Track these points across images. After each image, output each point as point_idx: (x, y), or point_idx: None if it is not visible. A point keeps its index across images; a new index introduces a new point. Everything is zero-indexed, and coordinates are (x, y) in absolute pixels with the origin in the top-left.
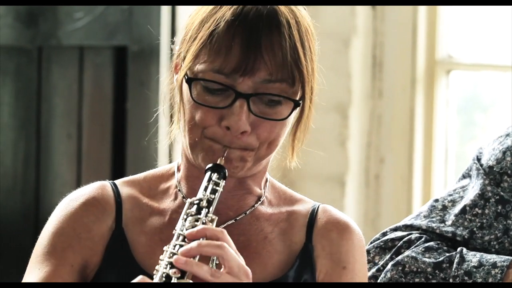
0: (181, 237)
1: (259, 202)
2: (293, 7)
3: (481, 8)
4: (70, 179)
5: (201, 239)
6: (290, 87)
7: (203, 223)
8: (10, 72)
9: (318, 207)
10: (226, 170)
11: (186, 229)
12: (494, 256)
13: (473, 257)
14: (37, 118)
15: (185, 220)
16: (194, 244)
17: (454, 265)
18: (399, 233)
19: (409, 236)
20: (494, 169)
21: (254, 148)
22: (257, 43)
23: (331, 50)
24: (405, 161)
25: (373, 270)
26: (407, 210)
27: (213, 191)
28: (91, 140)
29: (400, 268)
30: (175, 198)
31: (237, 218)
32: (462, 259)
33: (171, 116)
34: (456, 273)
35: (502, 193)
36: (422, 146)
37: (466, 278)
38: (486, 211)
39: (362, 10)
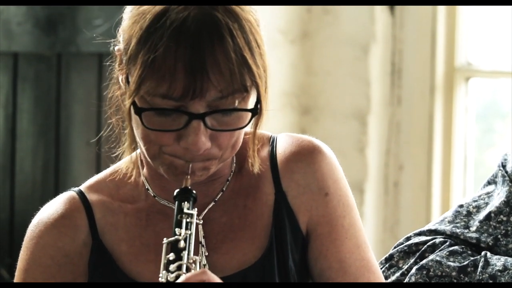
0: None
1: (231, 175)
2: (229, 6)
3: (500, 16)
4: None
5: None
6: (244, 94)
7: (186, 268)
8: (30, 79)
9: (276, 141)
10: (195, 192)
11: (170, 280)
12: None
13: (497, 261)
14: (56, 125)
15: (167, 268)
16: None
17: (479, 269)
18: (423, 238)
19: (434, 241)
20: None
21: (217, 157)
22: (202, 65)
23: (350, 57)
24: (424, 168)
25: (397, 274)
26: (426, 218)
27: (188, 225)
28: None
29: (424, 272)
30: (146, 196)
31: (216, 199)
32: (487, 263)
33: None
34: (480, 277)
35: None
36: (441, 153)
37: (490, 282)
38: (511, 218)
39: (381, 17)
